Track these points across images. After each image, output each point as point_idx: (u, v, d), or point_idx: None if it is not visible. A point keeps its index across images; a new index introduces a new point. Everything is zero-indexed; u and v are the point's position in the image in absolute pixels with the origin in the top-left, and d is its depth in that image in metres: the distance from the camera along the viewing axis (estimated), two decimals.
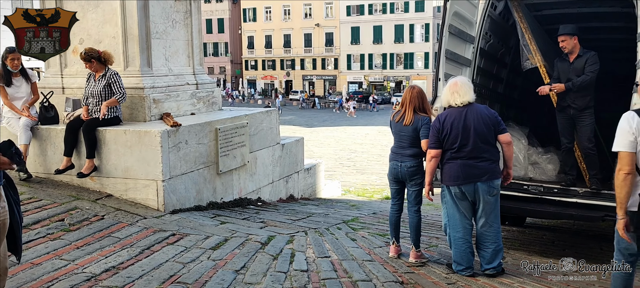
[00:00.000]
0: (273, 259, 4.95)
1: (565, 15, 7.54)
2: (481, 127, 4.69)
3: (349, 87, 70.63)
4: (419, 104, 5.10)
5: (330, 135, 31.32)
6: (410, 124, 5.07)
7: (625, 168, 3.43)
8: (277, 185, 8.74)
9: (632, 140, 3.43)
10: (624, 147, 3.45)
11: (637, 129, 3.42)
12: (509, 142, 4.77)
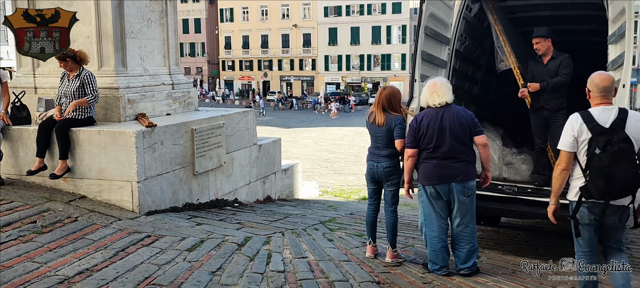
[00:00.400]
0: (250, 260, 4.93)
1: (538, 18, 7.68)
2: (457, 128, 4.73)
3: (327, 88, 70.73)
4: (389, 104, 5.14)
5: (307, 136, 31.32)
6: (384, 125, 5.11)
7: (562, 165, 3.87)
8: (254, 186, 8.71)
9: (572, 141, 3.80)
10: (565, 147, 3.84)
11: (579, 131, 3.77)
12: (484, 144, 4.82)
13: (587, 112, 3.83)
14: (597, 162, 3.67)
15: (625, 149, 3.64)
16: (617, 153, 3.62)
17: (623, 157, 3.62)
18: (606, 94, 3.82)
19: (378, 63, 68.55)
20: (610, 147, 3.63)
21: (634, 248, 7.04)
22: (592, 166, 3.71)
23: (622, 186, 3.68)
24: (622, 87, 5.19)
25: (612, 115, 3.75)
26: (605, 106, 3.81)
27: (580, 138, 3.78)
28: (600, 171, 3.65)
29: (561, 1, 7.44)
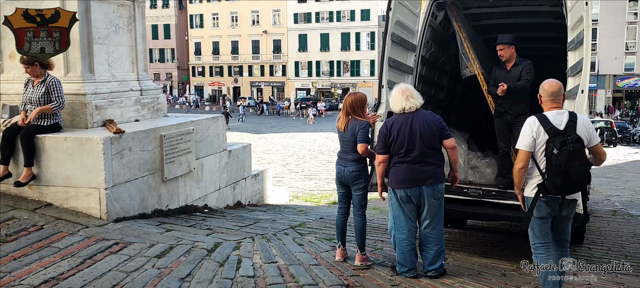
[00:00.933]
0: (219, 266, 4.94)
1: (502, 26, 7.88)
2: (426, 133, 4.84)
3: (297, 93, 70.78)
4: (353, 110, 5.22)
5: (278, 142, 31.28)
6: (349, 130, 5.19)
7: (520, 163, 4.19)
8: (224, 192, 8.70)
9: (531, 141, 4.13)
10: (524, 146, 4.16)
11: (537, 133, 4.10)
12: (453, 147, 4.95)
13: (543, 115, 4.17)
14: (555, 160, 3.98)
15: (579, 149, 4.00)
16: (572, 153, 3.95)
17: (577, 156, 3.97)
18: (555, 98, 4.22)
19: (347, 69, 68.95)
20: (565, 147, 3.95)
21: (594, 248, 7.27)
22: (551, 164, 4.02)
23: (576, 182, 4.05)
24: (581, 93, 5.38)
25: (565, 118, 4.12)
26: (558, 110, 4.18)
27: (538, 139, 4.11)
28: (558, 169, 3.97)
29: (523, 9, 7.65)
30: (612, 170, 20.04)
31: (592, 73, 50.96)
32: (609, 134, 33.44)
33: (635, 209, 11.11)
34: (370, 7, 64.61)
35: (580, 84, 5.46)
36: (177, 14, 74.33)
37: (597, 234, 8.35)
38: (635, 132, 37.65)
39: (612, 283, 5.32)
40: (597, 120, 36.97)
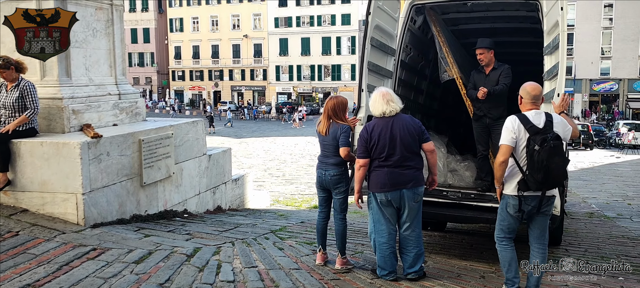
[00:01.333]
0: (199, 271, 4.91)
1: (480, 30, 7.96)
2: (407, 137, 4.87)
3: (278, 97, 70.73)
4: (334, 113, 5.25)
5: (259, 146, 31.20)
6: (330, 134, 5.21)
7: (501, 157, 4.34)
8: (203, 197, 8.65)
9: (514, 137, 4.31)
10: (505, 141, 4.34)
11: (518, 129, 4.31)
12: (432, 150, 4.99)
13: (522, 115, 4.38)
14: (537, 157, 4.16)
15: (558, 146, 4.23)
16: (552, 149, 4.15)
17: (557, 152, 4.19)
18: (536, 100, 4.43)
19: (328, 73, 69.09)
20: (546, 144, 4.15)
21: (572, 249, 7.37)
22: (533, 161, 4.20)
23: (556, 177, 4.24)
24: (557, 96, 5.45)
25: (542, 118, 4.35)
26: (536, 111, 4.38)
27: (519, 137, 4.31)
28: (540, 165, 4.15)
29: (500, 14, 7.75)
30: (588, 173, 20.35)
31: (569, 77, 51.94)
32: (586, 137, 33.95)
33: (611, 211, 11.29)
34: (351, 11, 64.90)
35: (557, 88, 5.53)
36: (156, 17, 73.81)
37: (574, 236, 8.46)
38: (611, 135, 38.26)
39: (587, 284, 5.39)
40: None
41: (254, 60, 71.91)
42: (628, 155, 29.77)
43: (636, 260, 6.89)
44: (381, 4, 6.46)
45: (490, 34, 7.31)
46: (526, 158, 4.28)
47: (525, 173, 4.30)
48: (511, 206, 4.44)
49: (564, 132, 4.41)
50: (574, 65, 54.44)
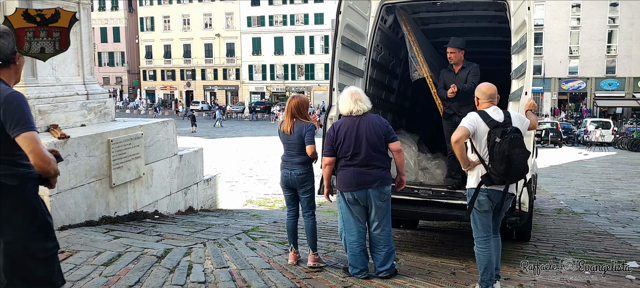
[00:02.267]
0: (169, 272, 4.86)
1: (449, 29, 8.05)
2: (373, 137, 4.89)
3: (252, 97, 70.43)
4: (298, 112, 5.26)
5: (232, 146, 31.02)
6: (294, 132, 5.22)
7: (455, 137, 4.41)
8: (175, 198, 8.56)
9: (473, 125, 4.42)
10: (463, 124, 4.45)
11: (477, 124, 4.42)
12: (398, 150, 5.01)
13: (482, 111, 4.53)
14: (498, 148, 4.28)
15: (518, 138, 4.34)
16: (513, 141, 4.27)
17: (517, 144, 4.30)
18: (492, 99, 4.59)
19: (302, 72, 69.07)
20: (507, 136, 4.27)
21: (540, 245, 7.51)
22: (495, 152, 4.31)
23: (518, 168, 4.32)
24: (524, 94, 5.54)
25: (501, 114, 4.51)
26: (495, 107, 4.53)
27: (479, 132, 4.44)
28: (502, 155, 4.26)
29: (470, 14, 7.84)
30: (557, 170, 20.75)
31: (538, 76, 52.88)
32: (555, 135, 34.61)
33: (578, 207, 11.53)
34: (324, 11, 64.93)
35: (524, 86, 5.62)
36: (126, 16, 72.78)
37: (543, 232, 8.62)
38: (579, 133, 39.08)
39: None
40: (544, 122, 38.20)
41: (227, 60, 71.47)
42: (595, 153, 30.46)
43: (602, 255, 7.05)
44: (351, 3, 6.48)
45: (460, 33, 7.39)
46: (487, 151, 4.39)
47: (488, 166, 4.39)
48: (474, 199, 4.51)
49: (522, 126, 4.54)
50: (543, 64, 55.46)
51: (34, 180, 2.92)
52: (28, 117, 2.78)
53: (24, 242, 2.85)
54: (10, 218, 2.82)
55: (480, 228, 4.57)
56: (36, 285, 2.92)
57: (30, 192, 2.90)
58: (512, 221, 5.60)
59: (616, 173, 19.75)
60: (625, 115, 53.82)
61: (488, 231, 4.59)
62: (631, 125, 39.46)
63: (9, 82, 2.92)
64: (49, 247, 2.99)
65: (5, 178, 2.80)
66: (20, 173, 2.84)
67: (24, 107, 2.79)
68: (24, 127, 2.75)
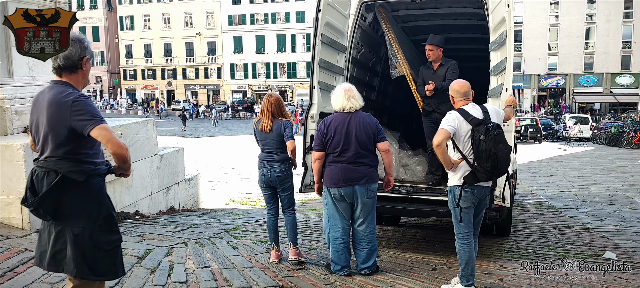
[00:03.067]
0: (150, 273, 4.83)
1: (429, 27, 8.09)
2: (362, 135, 4.92)
3: (234, 96, 70.15)
4: (277, 110, 5.30)
5: (214, 145, 30.86)
6: (273, 131, 5.24)
7: (436, 140, 4.38)
8: (156, 198, 8.50)
9: (453, 126, 4.41)
10: (443, 126, 4.42)
11: (459, 124, 4.41)
12: (386, 150, 5.03)
13: (461, 109, 4.51)
14: (484, 146, 4.30)
15: (500, 134, 4.39)
16: (497, 137, 4.31)
17: (501, 140, 4.34)
18: (466, 96, 4.59)
19: (284, 71, 68.96)
20: (490, 133, 4.30)
21: (520, 240, 7.60)
22: (480, 150, 4.32)
23: (503, 164, 4.37)
24: (505, 91, 5.59)
25: (480, 110, 4.51)
26: (472, 104, 4.53)
27: (461, 131, 4.42)
28: (488, 153, 4.29)
29: (449, 11, 7.89)
30: (537, 166, 21.00)
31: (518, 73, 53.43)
32: (534, 131, 34.99)
33: (558, 202, 11.69)
34: (306, 9, 64.84)
35: (504, 83, 5.67)
36: (106, 15, 71.99)
37: (523, 227, 8.73)
38: (559, 128, 39.56)
39: None
40: (524, 118, 38.61)
41: (208, 59, 71.08)
42: (574, 148, 30.88)
43: (580, 248, 7.16)
44: (331, 2, 6.48)
45: (439, 31, 7.44)
46: (472, 149, 4.39)
47: (473, 164, 4.39)
48: (458, 197, 4.52)
49: (499, 120, 4.61)
50: (523, 61, 56.05)
51: (100, 176, 3.19)
52: (96, 112, 3.03)
53: (91, 234, 3.10)
54: (79, 211, 3.08)
55: (463, 224, 4.59)
56: (102, 275, 3.18)
57: (96, 187, 3.15)
58: (492, 216, 5.66)
59: (594, 168, 20.05)
60: (603, 111, 54.63)
61: (470, 227, 4.60)
62: (609, 121, 40.00)
63: (77, 86, 3.16)
64: (113, 239, 3.22)
65: (74, 174, 3.04)
66: (86, 170, 3.09)
67: (90, 106, 3.03)
68: (96, 121, 2.98)
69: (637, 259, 6.49)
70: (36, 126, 3.13)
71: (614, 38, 55.24)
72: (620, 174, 17.97)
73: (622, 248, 7.11)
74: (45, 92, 3.14)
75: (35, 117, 3.13)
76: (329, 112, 5.68)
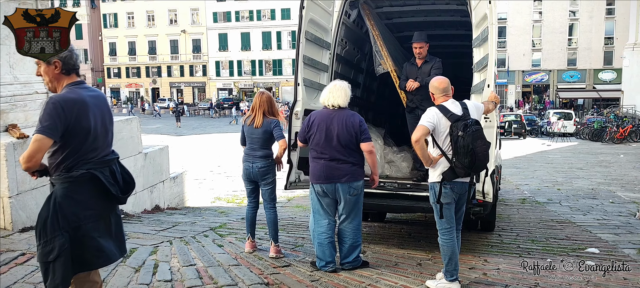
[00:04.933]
0: (135, 272, 4.81)
1: (413, 24, 8.13)
2: (344, 133, 4.92)
3: (219, 93, 69.85)
4: (268, 108, 5.42)
5: (200, 143, 30.72)
6: (261, 127, 5.33)
7: (414, 137, 4.43)
8: (140, 196, 8.45)
9: (432, 122, 4.45)
10: (422, 123, 4.47)
11: (438, 120, 4.45)
12: (369, 151, 5.03)
13: (441, 105, 4.54)
14: (462, 142, 4.32)
15: (479, 130, 4.41)
16: (474, 133, 4.34)
17: (479, 136, 4.37)
18: (446, 92, 4.61)
19: (270, 68, 68.81)
20: (469, 129, 4.33)
21: (504, 234, 7.67)
22: (458, 146, 4.35)
23: (481, 160, 4.39)
24: (487, 87, 5.64)
25: (459, 106, 4.55)
26: (452, 100, 4.57)
27: (441, 127, 4.46)
28: (466, 149, 4.32)
29: (432, 8, 7.93)
30: (521, 161, 21.18)
31: (502, 69, 53.71)
32: (519, 127, 35.28)
33: (542, 196, 11.81)
34: (291, 6, 64.67)
35: (487, 79, 5.71)
36: (89, 13, 71.21)
37: (507, 221, 8.80)
38: (543, 124, 39.92)
39: None
40: (508, 114, 38.90)
41: (193, 56, 70.68)
42: (558, 143, 31.17)
43: (564, 242, 7.24)
44: None
45: (423, 27, 7.47)
46: (451, 145, 4.42)
47: (452, 160, 4.43)
48: (438, 193, 4.55)
49: (479, 114, 4.66)
50: (507, 58, 56.46)
51: None
52: (44, 120, 3.02)
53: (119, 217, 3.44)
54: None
55: (444, 220, 4.62)
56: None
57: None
58: (476, 211, 5.70)
59: (578, 163, 20.27)
60: (586, 106, 55.20)
61: (451, 222, 4.64)
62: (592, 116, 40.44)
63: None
64: None
65: None
66: None
67: (48, 110, 3.04)
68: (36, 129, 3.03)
69: (619, 253, 6.58)
70: None
71: (596, 34, 55.83)
72: (603, 169, 18.18)
73: (605, 242, 7.20)
74: None
75: None
76: (314, 109, 5.70)
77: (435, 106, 4.58)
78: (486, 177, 5.26)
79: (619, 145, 29.15)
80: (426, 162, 4.56)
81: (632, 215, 9.26)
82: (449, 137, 4.43)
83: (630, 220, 8.90)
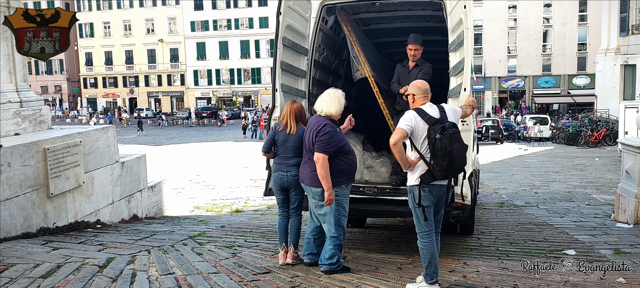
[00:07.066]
0: (112, 281, 4.73)
1: (390, 30, 8.17)
2: (306, 138, 5.15)
3: (198, 102, 69.44)
4: (299, 116, 5.45)
5: (179, 152, 30.47)
6: (296, 133, 5.37)
7: (392, 139, 4.46)
8: (118, 206, 8.33)
9: (410, 125, 4.48)
10: (400, 126, 4.51)
11: (416, 123, 4.49)
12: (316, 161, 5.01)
13: (418, 108, 4.61)
14: (439, 144, 4.36)
15: (456, 132, 4.46)
16: (452, 136, 4.38)
17: (456, 139, 4.42)
18: (426, 94, 4.69)
19: (248, 77, 68.70)
20: (446, 132, 4.37)
21: (483, 238, 7.72)
22: (436, 149, 4.39)
23: (459, 162, 4.45)
24: (463, 91, 5.69)
25: (436, 110, 4.61)
26: (430, 104, 4.63)
27: (418, 130, 4.50)
28: (444, 151, 4.36)
29: (408, 14, 7.98)
30: (499, 166, 21.41)
31: (479, 75, 54.29)
32: (496, 132, 35.68)
33: (519, 200, 11.93)
34: (269, 14, 64.74)
35: (463, 83, 5.76)
36: None
37: (486, 225, 8.87)
38: (519, 129, 40.40)
39: None
40: (485, 120, 39.32)
41: (171, 65, 70.24)
42: (534, 147, 31.59)
43: (542, 244, 7.32)
44: (291, 4, 6.49)
45: (400, 33, 7.51)
46: (429, 148, 4.46)
47: (430, 163, 4.47)
48: (417, 196, 4.58)
49: (456, 118, 4.73)
50: (484, 64, 57.13)
51: None
52: None
53: None
54: None
55: (423, 223, 4.65)
56: None
57: None
58: (455, 214, 5.73)
59: (554, 167, 20.55)
60: (561, 111, 56.06)
61: (430, 225, 4.67)
62: (567, 121, 41.05)
63: None
64: None
65: None
66: None
67: None
68: None
69: (596, 253, 6.67)
70: None
71: (570, 40, 56.82)
72: (579, 172, 18.47)
73: (581, 243, 7.30)
74: None
75: None
76: None
77: (413, 109, 4.62)
78: (464, 180, 5.30)
79: (594, 148, 29.65)
80: (404, 165, 4.59)
81: (608, 217, 9.40)
82: (426, 140, 4.46)
83: (605, 221, 9.04)
